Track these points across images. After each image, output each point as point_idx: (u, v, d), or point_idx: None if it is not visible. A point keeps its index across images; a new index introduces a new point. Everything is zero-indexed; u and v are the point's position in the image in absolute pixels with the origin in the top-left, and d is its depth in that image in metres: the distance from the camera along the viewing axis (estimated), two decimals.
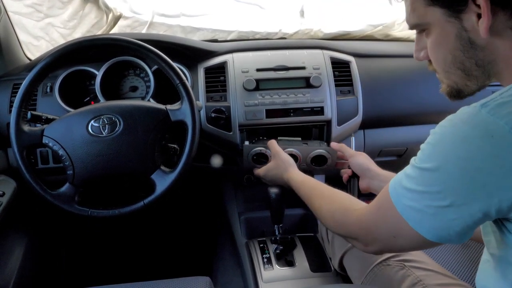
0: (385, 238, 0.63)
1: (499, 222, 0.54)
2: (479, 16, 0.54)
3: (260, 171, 1.08)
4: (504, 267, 0.57)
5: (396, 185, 0.59)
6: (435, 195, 0.53)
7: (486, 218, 0.52)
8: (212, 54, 1.25)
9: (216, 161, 1.22)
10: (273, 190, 1.04)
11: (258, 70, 1.19)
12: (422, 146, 0.56)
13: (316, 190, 0.86)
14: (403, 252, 0.84)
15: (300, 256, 1.12)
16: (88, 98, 1.22)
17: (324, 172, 1.21)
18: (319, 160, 1.11)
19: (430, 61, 0.66)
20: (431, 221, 0.54)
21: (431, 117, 1.27)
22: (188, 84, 0.98)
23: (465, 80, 0.60)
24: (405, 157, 1.35)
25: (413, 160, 0.57)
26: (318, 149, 1.11)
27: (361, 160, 1.00)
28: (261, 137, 1.18)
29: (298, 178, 0.94)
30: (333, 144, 1.11)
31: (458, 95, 0.64)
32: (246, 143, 1.13)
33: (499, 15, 0.54)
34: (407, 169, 0.58)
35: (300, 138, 1.18)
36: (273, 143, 1.07)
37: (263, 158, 1.12)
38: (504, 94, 0.50)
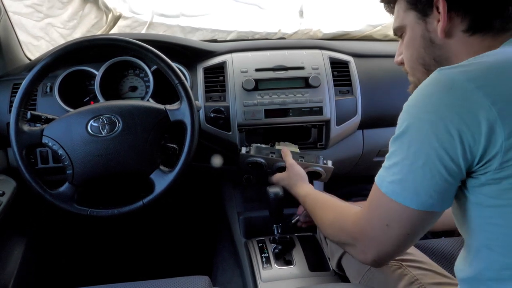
0: (379, 232, 0.65)
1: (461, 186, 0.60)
2: (439, 20, 0.65)
3: (274, 178, 1.10)
4: (468, 239, 0.63)
5: (380, 171, 0.65)
6: (411, 156, 0.58)
7: (459, 173, 0.57)
8: (211, 54, 1.25)
9: (216, 161, 1.22)
10: (272, 190, 1.05)
11: (257, 70, 1.19)
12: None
13: (318, 203, 0.89)
14: (400, 253, 0.85)
15: (298, 255, 1.12)
16: (88, 98, 1.23)
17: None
18: (313, 175, 1.12)
19: (403, 63, 0.76)
20: (412, 187, 0.59)
21: None
22: (187, 84, 0.98)
23: (425, 75, 0.66)
24: None
25: (391, 138, 0.63)
26: (314, 166, 1.10)
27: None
28: (258, 143, 1.16)
29: (304, 192, 0.97)
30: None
31: None
32: (243, 150, 1.13)
33: (454, 20, 0.65)
34: (387, 154, 0.64)
35: (297, 148, 1.17)
36: (287, 154, 1.10)
37: (258, 167, 1.13)
38: (455, 64, 0.59)
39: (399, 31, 0.74)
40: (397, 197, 0.61)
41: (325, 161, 1.13)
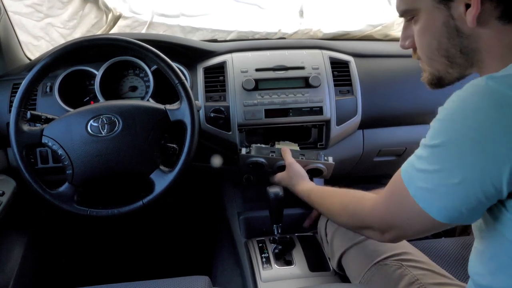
0: (399, 223, 0.64)
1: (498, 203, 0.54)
2: (467, 5, 0.56)
3: (276, 178, 1.10)
4: (494, 248, 0.58)
5: (409, 168, 0.59)
6: (447, 172, 0.53)
7: (497, 195, 0.51)
8: (212, 54, 1.25)
9: (216, 161, 1.22)
10: (272, 190, 1.05)
11: (257, 70, 1.19)
12: (431, 123, 0.56)
13: (326, 192, 0.89)
14: (418, 237, 0.85)
15: (298, 255, 1.12)
16: (88, 98, 1.23)
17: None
18: (314, 172, 1.12)
19: (415, 49, 0.67)
20: (443, 201, 0.54)
21: (430, 117, 1.26)
22: (187, 84, 0.98)
23: (447, 67, 0.61)
24: (404, 157, 1.35)
25: (423, 140, 0.57)
26: (315, 163, 1.11)
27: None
28: (258, 143, 1.16)
29: (307, 188, 0.97)
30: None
31: (439, 83, 0.65)
32: (243, 150, 1.13)
33: (486, 5, 0.55)
34: (418, 151, 0.58)
35: (297, 146, 1.17)
36: (287, 152, 1.09)
37: (259, 167, 1.13)
38: (507, 69, 0.51)
39: (408, 14, 0.64)
40: (425, 206, 0.56)
41: (325, 158, 1.13)
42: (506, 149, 0.48)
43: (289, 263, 1.10)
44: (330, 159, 1.13)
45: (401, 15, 0.66)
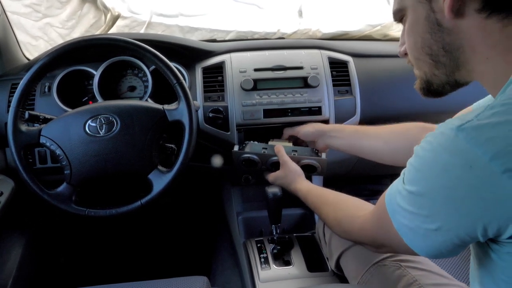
0: (389, 244, 0.64)
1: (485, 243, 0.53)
2: None
3: (270, 177, 1.09)
4: (488, 276, 0.56)
5: (392, 199, 0.58)
6: (424, 218, 0.52)
7: (475, 240, 0.51)
8: (210, 54, 1.25)
9: (215, 161, 1.22)
10: (271, 190, 1.05)
11: (256, 70, 1.19)
12: (408, 163, 0.55)
13: (321, 198, 0.87)
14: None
15: (297, 256, 1.12)
16: (86, 98, 1.22)
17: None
18: (309, 168, 1.10)
19: (407, 54, 0.65)
20: (423, 241, 0.54)
21: (429, 117, 1.26)
22: (185, 84, 0.98)
23: (433, 68, 0.59)
24: None
25: (402, 174, 0.56)
26: (307, 159, 1.09)
27: (310, 128, 1.10)
28: (252, 141, 1.16)
29: (304, 188, 0.96)
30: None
31: (428, 88, 0.63)
32: (235, 148, 1.13)
33: None
34: (399, 185, 0.56)
35: (291, 144, 1.16)
36: (281, 150, 1.07)
37: (252, 164, 1.12)
38: (480, 116, 0.47)
39: (398, 15, 0.62)
40: (407, 241, 0.56)
41: (319, 154, 1.11)
42: (478, 209, 0.47)
43: (287, 263, 1.10)
44: (323, 155, 1.10)
45: (394, 18, 0.64)
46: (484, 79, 0.56)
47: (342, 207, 0.79)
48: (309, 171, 1.11)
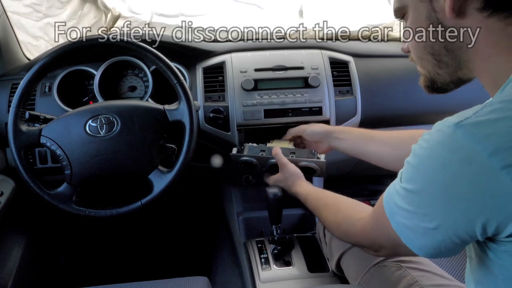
0: (388, 246, 0.64)
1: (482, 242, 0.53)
2: None
3: (270, 180, 1.08)
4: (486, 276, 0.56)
5: (389, 200, 0.58)
6: (422, 216, 0.52)
7: (474, 239, 0.51)
8: (211, 54, 1.25)
9: (216, 161, 1.22)
10: (271, 191, 1.04)
11: (256, 70, 1.19)
12: (405, 162, 0.55)
13: (321, 201, 0.87)
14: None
15: (297, 256, 1.11)
16: (87, 98, 1.22)
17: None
18: (307, 170, 1.08)
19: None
20: (422, 240, 0.54)
21: (430, 117, 1.27)
22: (186, 84, 0.98)
23: (436, 67, 0.59)
24: None
25: (400, 174, 0.56)
26: (305, 161, 1.06)
27: (317, 128, 1.08)
28: (251, 142, 1.15)
29: (304, 191, 0.96)
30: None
31: (432, 86, 0.63)
32: (234, 151, 1.12)
33: None
34: (397, 185, 0.56)
35: (291, 145, 1.14)
36: (278, 153, 1.05)
37: (250, 167, 1.11)
38: (479, 113, 0.47)
39: (399, 12, 0.62)
40: (406, 241, 0.56)
41: (317, 156, 1.09)
42: (477, 206, 0.46)
43: (288, 263, 1.09)
44: (322, 157, 1.08)
45: (395, 15, 0.65)
46: (484, 77, 0.56)
47: (342, 210, 0.79)
48: (308, 173, 1.10)
